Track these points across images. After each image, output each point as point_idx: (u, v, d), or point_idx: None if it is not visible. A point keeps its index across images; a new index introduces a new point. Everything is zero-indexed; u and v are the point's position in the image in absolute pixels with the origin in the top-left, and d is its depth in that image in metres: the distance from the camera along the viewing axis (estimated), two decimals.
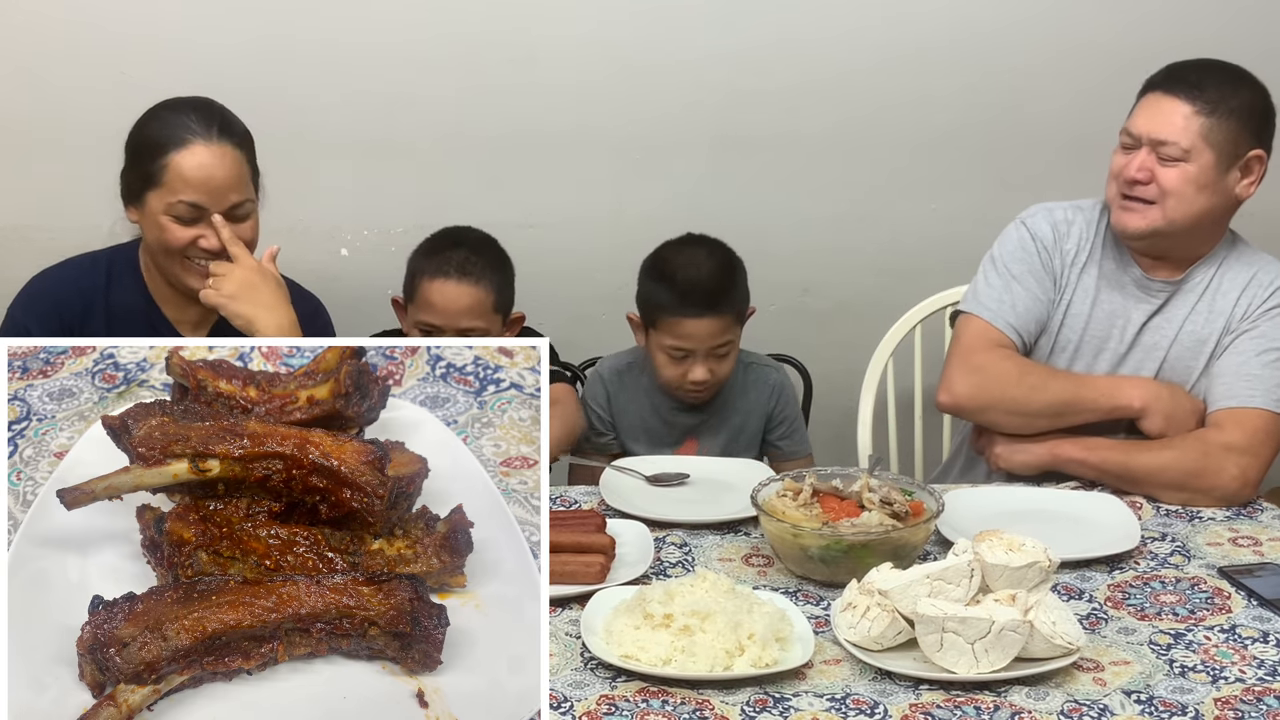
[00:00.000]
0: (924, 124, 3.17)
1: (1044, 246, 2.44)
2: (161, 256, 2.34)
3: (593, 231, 2.86)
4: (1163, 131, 2.27)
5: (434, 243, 2.61)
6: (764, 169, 3.18)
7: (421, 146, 3.12)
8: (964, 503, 2.17)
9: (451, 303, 2.52)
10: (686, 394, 2.61)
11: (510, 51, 3.08)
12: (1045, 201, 2.49)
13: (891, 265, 3.19)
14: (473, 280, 2.53)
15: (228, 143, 2.31)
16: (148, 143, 2.30)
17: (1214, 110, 2.26)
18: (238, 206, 2.32)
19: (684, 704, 1.65)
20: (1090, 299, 2.41)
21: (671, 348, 2.57)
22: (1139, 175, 2.29)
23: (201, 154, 2.27)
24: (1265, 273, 2.38)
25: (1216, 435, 2.27)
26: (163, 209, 2.28)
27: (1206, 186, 2.29)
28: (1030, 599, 1.72)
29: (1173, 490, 2.25)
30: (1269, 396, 2.29)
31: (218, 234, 2.28)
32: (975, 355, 2.39)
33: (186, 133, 2.28)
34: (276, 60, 3.03)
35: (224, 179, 2.29)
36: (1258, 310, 2.35)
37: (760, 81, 3.13)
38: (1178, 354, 2.38)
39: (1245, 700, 1.66)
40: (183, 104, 2.34)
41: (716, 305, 2.56)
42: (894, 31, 3.13)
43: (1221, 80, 2.30)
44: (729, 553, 2.10)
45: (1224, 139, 2.27)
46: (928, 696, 1.67)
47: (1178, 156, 2.27)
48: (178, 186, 2.27)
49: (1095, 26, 3.13)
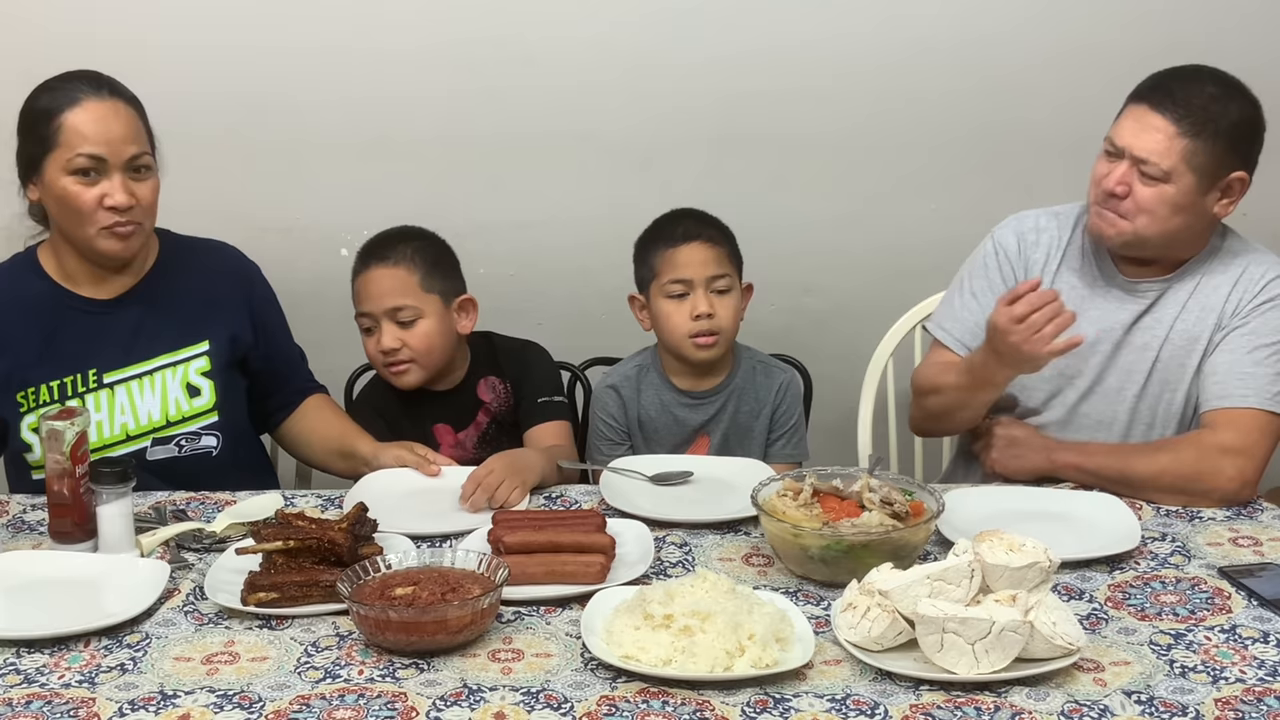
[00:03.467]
0: (924, 125, 3.17)
1: (1007, 258, 2.45)
2: (70, 224, 2.34)
3: (592, 232, 2.86)
4: (1145, 150, 2.24)
5: (362, 247, 2.65)
6: (764, 169, 3.18)
7: (421, 147, 3.12)
8: (964, 503, 2.17)
9: (374, 285, 2.56)
10: (697, 343, 2.60)
11: (510, 52, 3.08)
12: (1045, 203, 2.49)
13: (891, 265, 3.19)
14: (391, 262, 2.56)
15: (119, 100, 2.34)
16: (39, 112, 2.32)
17: (1199, 132, 2.22)
18: (136, 158, 2.33)
19: (684, 704, 1.65)
20: (1073, 303, 2.38)
21: (671, 283, 2.59)
22: (1117, 189, 2.27)
23: (94, 108, 2.30)
24: (1256, 266, 2.36)
25: (1211, 437, 2.27)
26: (63, 169, 2.29)
27: (1183, 208, 2.27)
28: (1031, 599, 1.72)
29: (1171, 494, 2.25)
30: (1262, 395, 2.28)
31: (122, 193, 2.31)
32: (920, 378, 2.48)
33: (78, 93, 2.31)
34: (277, 62, 3.04)
35: (120, 130, 2.31)
36: (1248, 306, 2.34)
37: (760, 83, 3.13)
38: (1170, 353, 2.37)
39: (1246, 700, 1.65)
40: (69, 75, 2.36)
41: (705, 232, 2.63)
42: (894, 32, 3.13)
43: (1210, 98, 2.24)
44: (729, 553, 2.10)
45: (1207, 162, 2.24)
46: (928, 697, 1.67)
47: (1158, 177, 2.24)
48: (74, 141, 2.28)
49: (1095, 28, 3.13)
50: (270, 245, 2.67)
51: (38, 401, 2.39)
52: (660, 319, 2.63)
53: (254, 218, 3.01)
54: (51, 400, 2.39)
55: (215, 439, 2.49)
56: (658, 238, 2.65)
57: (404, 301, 2.54)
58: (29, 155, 2.34)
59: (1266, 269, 2.36)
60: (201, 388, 2.48)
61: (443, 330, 2.58)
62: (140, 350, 2.44)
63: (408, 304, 2.54)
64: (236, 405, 2.54)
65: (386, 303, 2.54)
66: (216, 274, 2.54)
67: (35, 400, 2.39)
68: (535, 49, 3.09)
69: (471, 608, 1.77)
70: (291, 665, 1.76)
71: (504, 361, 2.68)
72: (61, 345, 2.40)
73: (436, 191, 3.13)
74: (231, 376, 2.52)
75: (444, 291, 2.59)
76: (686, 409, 2.67)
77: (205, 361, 2.48)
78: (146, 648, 1.81)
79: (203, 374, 2.47)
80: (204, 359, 2.48)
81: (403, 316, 2.54)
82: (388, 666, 1.75)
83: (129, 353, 2.43)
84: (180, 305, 2.47)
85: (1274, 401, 2.28)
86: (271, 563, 1.95)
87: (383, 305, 2.55)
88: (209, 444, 2.48)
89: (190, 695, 1.68)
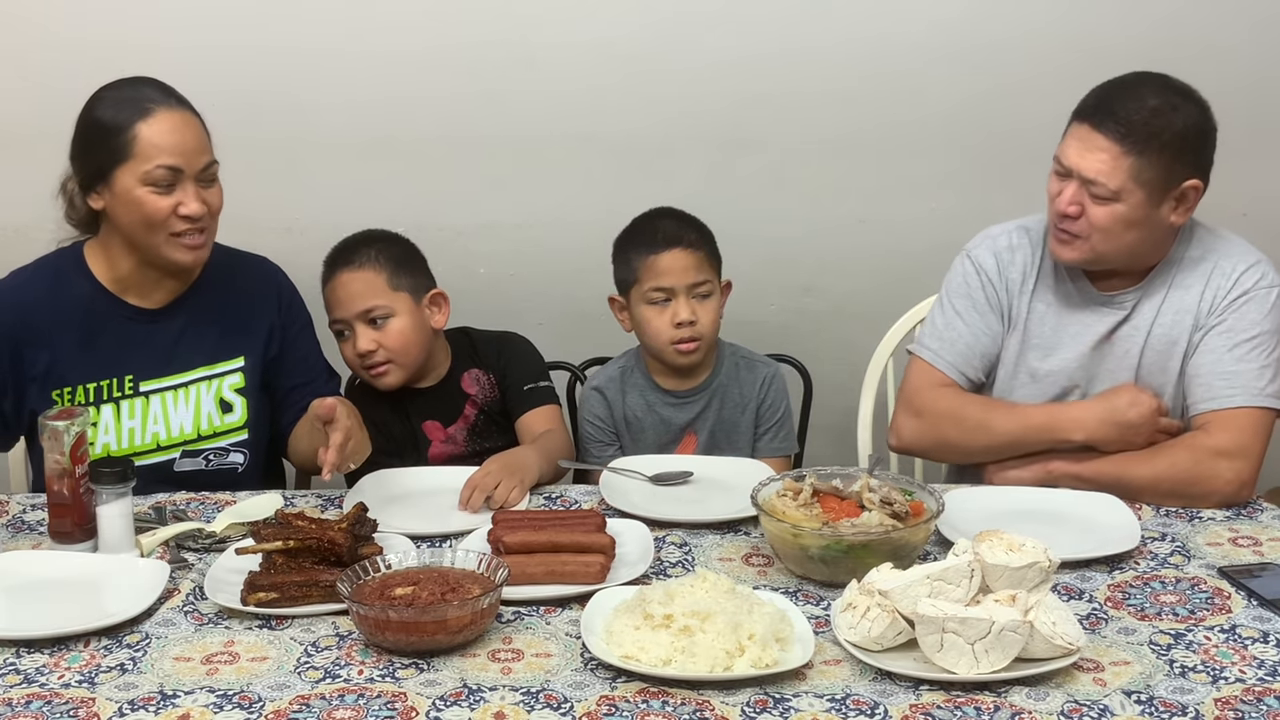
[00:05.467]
0: (924, 126, 3.16)
1: (988, 279, 2.44)
2: (141, 233, 2.34)
3: (592, 233, 2.86)
4: (1092, 171, 2.22)
5: (328, 255, 2.64)
6: (764, 170, 3.18)
7: (423, 147, 3.12)
8: (964, 503, 2.17)
9: (343, 290, 2.57)
10: (679, 349, 2.61)
11: (512, 55, 3.08)
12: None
13: (891, 266, 3.19)
14: (357, 265, 2.57)
15: (187, 109, 2.35)
16: (106, 122, 2.31)
17: (1144, 148, 2.19)
18: (207, 168, 2.35)
19: (684, 704, 1.65)
20: (1051, 322, 2.40)
21: (652, 290, 2.60)
22: (1069, 210, 2.26)
23: (168, 119, 2.31)
24: (1226, 260, 2.34)
25: (1205, 439, 2.26)
26: (138, 181, 2.29)
27: (1137, 223, 2.25)
28: (1030, 599, 1.72)
29: (1169, 499, 2.25)
30: (1249, 392, 2.27)
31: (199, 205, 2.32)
32: (916, 398, 2.44)
33: (148, 103, 2.31)
34: (278, 63, 3.04)
35: (195, 140, 2.33)
36: (1223, 303, 2.31)
37: (760, 84, 3.12)
38: (1151, 358, 2.36)
39: (1245, 700, 1.65)
40: (129, 82, 2.36)
41: (684, 238, 2.63)
42: (894, 33, 3.12)
43: (1152, 111, 2.21)
44: (729, 553, 2.10)
45: (1155, 176, 2.21)
46: (928, 697, 1.67)
47: (1107, 197, 2.23)
48: (151, 154, 2.29)
49: (1095, 30, 3.13)
50: (271, 245, 2.67)
51: (73, 401, 2.40)
52: (642, 324, 2.63)
53: (255, 218, 2.98)
54: (87, 402, 2.39)
55: (243, 456, 2.49)
56: (638, 241, 2.65)
57: (374, 302, 2.55)
58: (96, 165, 2.32)
59: (1236, 262, 2.34)
60: (234, 404, 2.48)
61: (416, 327, 2.58)
62: (178, 362, 2.45)
63: (378, 304, 2.55)
64: (266, 424, 2.54)
65: (357, 305, 2.55)
66: (257, 291, 2.54)
67: (70, 400, 2.40)
68: (537, 51, 3.09)
69: (471, 608, 1.77)
70: (291, 665, 1.76)
71: (485, 353, 2.69)
72: (101, 349, 2.41)
73: (438, 192, 3.13)
74: (263, 395, 2.52)
75: (413, 288, 2.60)
76: (671, 408, 2.68)
77: (240, 378, 2.48)
78: (146, 648, 1.81)
79: (236, 390, 2.48)
80: (238, 375, 2.48)
81: (375, 315, 2.55)
82: (388, 666, 1.75)
83: (167, 363, 2.44)
84: (220, 319, 2.48)
85: (1261, 397, 2.27)
86: (271, 563, 1.95)
87: (354, 309, 2.55)
88: (236, 460, 2.49)
89: (190, 695, 1.68)
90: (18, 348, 2.39)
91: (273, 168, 3.09)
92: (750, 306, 2.69)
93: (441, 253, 2.71)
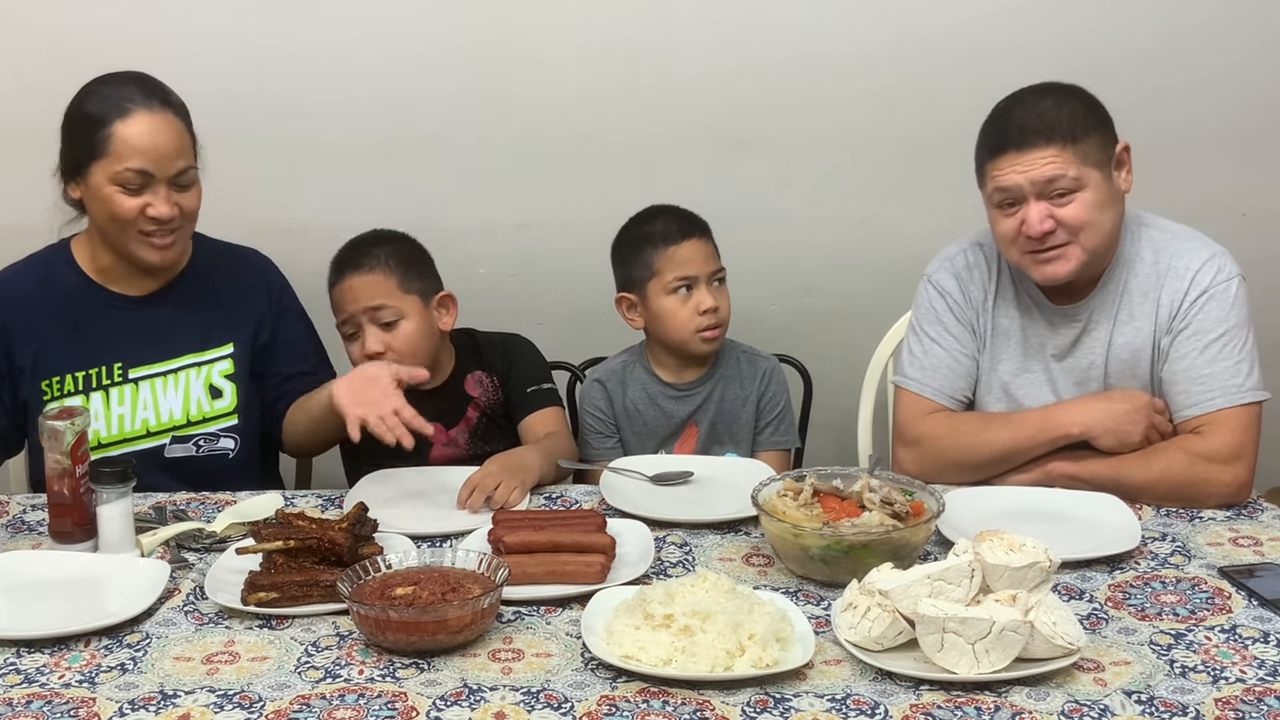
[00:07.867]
0: (923, 125, 3.16)
1: (954, 300, 2.45)
2: (111, 229, 2.36)
3: (592, 233, 2.86)
4: (1046, 174, 2.22)
5: (335, 256, 2.64)
6: (764, 171, 3.18)
7: (424, 148, 3.13)
8: (964, 503, 2.17)
9: (351, 292, 2.56)
10: (704, 336, 2.63)
11: (513, 56, 3.09)
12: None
13: (891, 266, 3.18)
14: (367, 269, 2.56)
15: (169, 111, 2.35)
16: (89, 116, 2.32)
17: (1072, 136, 2.22)
18: (182, 174, 2.35)
19: (684, 704, 1.65)
20: (1015, 336, 2.41)
21: (675, 280, 2.62)
22: (1045, 226, 2.24)
23: (145, 121, 2.31)
24: (1179, 260, 2.32)
25: (1198, 444, 2.26)
26: (109, 179, 2.31)
27: (1106, 202, 2.26)
28: (1031, 599, 1.72)
29: (1168, 501, 2.25)
30: (1228, 392, 2.26)
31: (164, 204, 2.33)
32: (910, 430, 2.44)
33: (128, 103, 2.31)
34: (279, 64, 3.04)
35: (168, 145, 2.33)
36: (1183, 305, 2.30)
37: (760, 85, 3.13)
38: (1117, 367, 2.35)
39: (1246, 700, 1.65)
40: (118, 78, 2.37)
41: (698, 228, 2.66)
42: (894, 34, 3.12)
43: (1053, 107, 2.24)
44: (729, 553, 2.10)
45: (1097, 151, 2.25)
46: (928, 697, 1.67)
47: (1072, 188, 2.23)
48: (124, 154, 2.30)
49: (1095, 32, 3.13)
50: (272, 246, 2.67)
51: (63, 390, 2.42)
52: (663, 317, 2.63)
53: (257, 219, 3.00)
54: (76, 390, 2.41)
55: (233, 441, 2.50)
56: (651, 237, 2.66)
57: (384, 301, 2.54)
58: (75, 158, 2.34)
59: (1189, 260, 2.32)
60: (224, 390, 2.49)
61: (425, 329, 2.58)
62: (166, 348, 2.46)
63: (388, 304, 2.54)
64: (256, 411, 2.54)
65: (366, 303, 2.54)
66: (246, 280, 2.55)
67: (60, 389, 2.42)
68: (538, 53, 3.09)
69: (472, 608, 1.77)
70: (292, 665, 1.76)
71: (489, 356, 2.69)
72: (88, 336, 2.42)
73: (438, 192, 3.14)
74: (253, 382, 2.53)
75: (422, 291, 2.59)
76: (673, 401, 2.69)
77: (229, 364, 2.49)
78: (147, 647, 1.81)
79: (226, 376, 2.49)
80: (228, 361, 2.49)
81: (384, 317, 2.54)
82: (388, 666, 1.75)
83: (155, 349, 2.46)
84: (208, 307, 2.49)
85: (1242, 393, 2.27)
86: (272, 562, 1.95)
87: (363, 305, 2.54)
88: (227, 446, 2.49)
89: (190, 695, 1.68)
90: (7, 338, 2.41)
91: (274, 169, 3.09)
92: (750, 306, 2.70)
93: (442, 253, 2.71)
